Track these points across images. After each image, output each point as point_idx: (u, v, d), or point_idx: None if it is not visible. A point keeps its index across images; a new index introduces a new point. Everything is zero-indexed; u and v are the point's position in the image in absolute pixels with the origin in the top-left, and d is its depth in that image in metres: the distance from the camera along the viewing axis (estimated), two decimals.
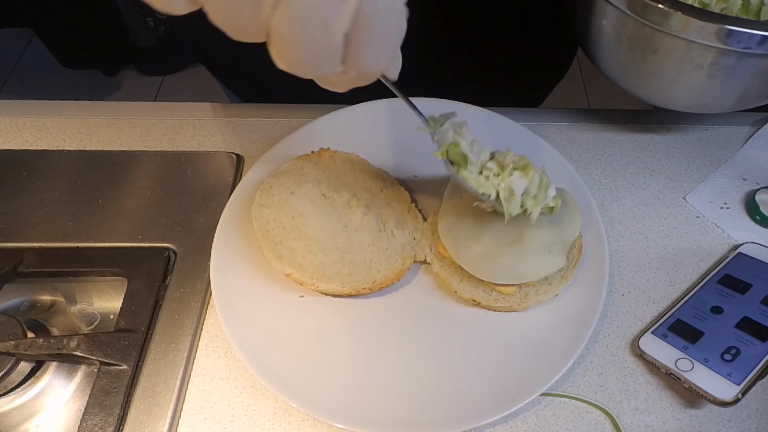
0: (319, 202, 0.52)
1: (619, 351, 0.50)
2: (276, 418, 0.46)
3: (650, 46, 0.49)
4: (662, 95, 0.54)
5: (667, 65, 0.50)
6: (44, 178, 0.59)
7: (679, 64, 0.49)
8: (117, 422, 0.44)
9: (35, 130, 0.64)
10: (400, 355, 0.48)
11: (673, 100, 0.55)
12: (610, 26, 0.52)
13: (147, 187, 0.58)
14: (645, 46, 0.50)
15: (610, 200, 0.59)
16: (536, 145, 0.59)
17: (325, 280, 0.48)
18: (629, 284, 0.54)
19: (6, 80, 2.09)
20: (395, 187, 0.56)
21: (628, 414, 0.46)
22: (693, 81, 0.50)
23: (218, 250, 0.51)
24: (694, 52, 0.47)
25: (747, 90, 0.51)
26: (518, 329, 0.49)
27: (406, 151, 0.60)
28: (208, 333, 0.50)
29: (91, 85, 2.07)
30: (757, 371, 0.44)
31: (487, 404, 0.44)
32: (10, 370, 0.46)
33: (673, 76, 0.51)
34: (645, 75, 0.53)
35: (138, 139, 0.63)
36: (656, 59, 0.50)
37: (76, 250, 0.54)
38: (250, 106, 0.67)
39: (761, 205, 0.57)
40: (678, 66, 0.50)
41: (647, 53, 0.50)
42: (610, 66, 0.56)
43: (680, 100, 0.54)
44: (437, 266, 0.51)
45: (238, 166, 0.61)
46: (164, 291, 0.51)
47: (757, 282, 0.51)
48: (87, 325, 0.54)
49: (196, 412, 0.46)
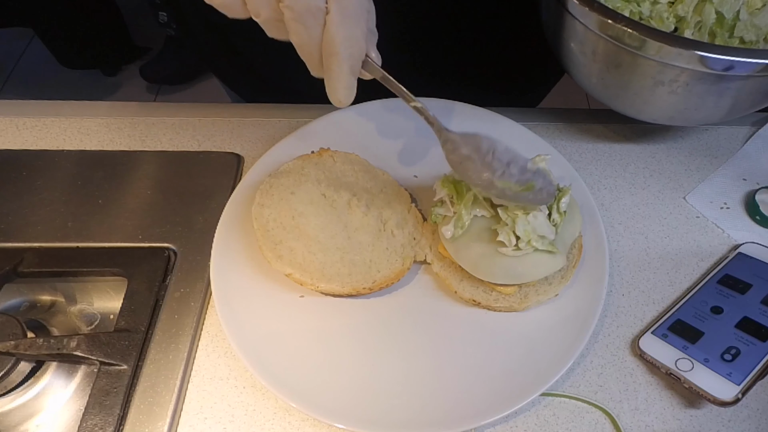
0: (319, 202, 0.52)
1: (619, 351, 0.50)
2: (276, 418, 0.46)
3: (618, 62, 0.50)
4: (639, 110, 0.54)
5: (638, 83, 0.51)
6: (44, 178, 0.59)
7: (652, 84, 0.50)
8: (117, 422, 0.44)
9: (35, 130, 0.64)
10: (400, 355, 0.48)
11: (652, 115, 0.55)
12: (578, 43, 0.52)
13: (147, 187, 0.58)
14: (613, 63, 0.50)
15: (610, 200, 0.59)
16: (536, 145, 0.59)
17: (325, 280, 0.48)
18: (629, 284, 0.54)
19: (6, 80, 2.08)
20: (395, 187, 0.56)
21: (628, 414, 0.46)
22: (666, 98, 0.50)
23: (218, 250, 0.51)
24: (665, 74, 0.48)
25: (733, 104, 0.51)
26: (518, 329, 0.49)
27: (406, 151, 0.60)
28: (208, 333, 0.50)
29: (91, 85, 2.07)
30: (757, 371, 0.44)
31: (487, 404, 0.44)
32: (10, 370, 0.46)
33: (644, 95, 0.52)
34: (614, 89, 0.53)
35: (138, 139, 0.63)
36: (627, 76, 0.51)
37: (76, 250, 0.54)
38: (250, 106, 0.67)
39: (761, 205, 0.57)
40: (649, 85, 0.50)
41: (619, 70, 0.51)
42: (582, 78, 0.56)
43: (657, 114, 0.54)
44: (437, 266, 0.51)
45: (238, 166, 0.61)
46: (164, 291, 0.51)
47: (757, 282, 0.51)
48: (87, 325, 0.54)
49: (196, 412, 0.46)
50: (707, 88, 0.48)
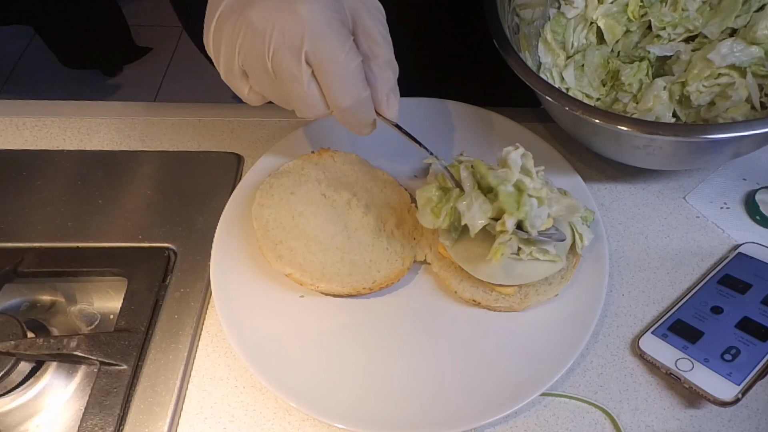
0: (319, 202, 0.52)
1: (619, 351, 0.50)
2: (276, 418, 0.46)
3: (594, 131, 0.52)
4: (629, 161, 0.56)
5: (616, 147, 0.53)
6: (44, 178, 0.59)
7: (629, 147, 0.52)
8: (117, 422, 0.44)
9: (35, 130, 0.64)
10: (400, 355, 0.48)
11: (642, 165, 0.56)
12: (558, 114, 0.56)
13: (147, 187, 0.58)
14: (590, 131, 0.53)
15: (610, 200, 0.59)
16: (536, 145, 0.59)
17: (325, 280, 0.48)
18: (629, 284, 0.54)
19: (6, 80, 2.08)
20: (395, 187, 0.56)
21: (628, 414, 0.46)
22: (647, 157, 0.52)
23: (218, 250, 0.51)
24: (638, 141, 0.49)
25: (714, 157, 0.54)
26: (518, 329, 0.49)
27: (406, 151, 0.60)
28: (208, 333, 0.50)
29: (91, 85, 2.07)
30: (757, 371, 0.44)
31: (487, 404, 0.44)
32: (10, 370, 0.46)
33: (626, 155, 0.54)
34: (599, 147, 0.56)
35: (138, 139, 0.63)
36: (606, 142, 0.53)
37: (76, 250, 0.54)
38: (250, 106, 0.67)
39: (761, 205, 0.57)
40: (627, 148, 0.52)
41: (597, 137, 0.53)
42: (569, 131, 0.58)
43: (647, 165, 0.56)
44: (437, 266, 0.51)
45: (238, 166, 0.61)
46: (164, 291, 0.51)
47: (757, 282, 0.51)
48: (87, 325, 0.54)
49: (196, 412, 0.46)
50: (683, 150, 0.50)
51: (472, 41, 0.69)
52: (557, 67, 0.61)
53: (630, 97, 0.59)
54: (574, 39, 0.62)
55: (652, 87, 0.56)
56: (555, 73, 0.61)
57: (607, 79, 0.61)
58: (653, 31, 0.59)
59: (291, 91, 0.39)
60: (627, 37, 0.61)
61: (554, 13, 0.62)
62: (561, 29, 0.62)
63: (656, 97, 0.55)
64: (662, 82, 0.56)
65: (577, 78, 0.61)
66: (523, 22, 0.59)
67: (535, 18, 0.61)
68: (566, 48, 0.62)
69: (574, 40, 0.62)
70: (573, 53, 0.62)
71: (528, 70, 0.50)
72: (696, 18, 0.57)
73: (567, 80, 0.61)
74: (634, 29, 0.61)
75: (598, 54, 0.61)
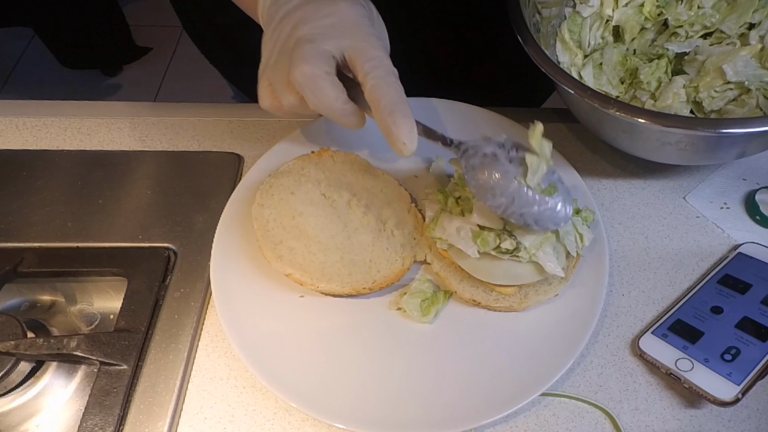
0: (319, 202, 0.52)
1: (619, 351, 0.50)
2: (276, 418, 0.46)
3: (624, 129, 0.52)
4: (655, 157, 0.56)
5: (645, 144, 0.53)
6: (44, 178, 0.59)
7: (658, 144, 0.52)
8: (117, 422, 0.44)
9: (35, 130, 0.64)
10: (400, 355, 0.48)
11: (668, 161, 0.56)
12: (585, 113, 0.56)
13: (147, 187, 0.58)
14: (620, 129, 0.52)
15: (610, 200, 0.59)
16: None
17: (325, 280, 0.48)
18: (629, 284, 0.54)
19: (6, 80, 2.08)
20: (395, 187, 0.56)
21: (628, 414, 0.46)
22: (677, 153, 0.52)
23: (218, 250, 0.51)
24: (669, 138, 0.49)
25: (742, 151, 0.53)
26: (518, 329, 0.49)
27: None
28: (208, 333, 0.50)
29: (91, 85, 2.07)
30: (757, 371, 0.44)
31: (487, 404, 0.44)
32: (10, 370, 0.46)
33: (655, 152, 0.54)
34: (626, 145, 0.56)
35: (138, 139, 0.63)
36: (635, 139, 0.53)
37: (76, 250, 0.54)
38: (250, 106, 0.67)
39: (761, 205, 0.57)
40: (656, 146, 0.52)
41: (627, 135, 0.53)
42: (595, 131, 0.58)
43: (672, 161, 0.56)
44: (437, 266, 0.51)
45: (238, 166, 0.61)
46: (164, 291, 0.51)
47: (757, 282, 0.51)
48: (87, 325, 0.54)
49: (196, 412, 0.46)
50: (713, 145, 0.50)
51: (472, 41, 0.69)
52: (575, 66, 0.61)
53: (648, 95, 0.58)
54: (591, 38, 0.61)
55: (672, 85, 0.56)
56: (573, 72, 0.61)
57: (626, 77, 0.61)
58: (669, 29, 0.59)
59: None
60: (642, 35, 0.61)
61: (570, 12, 0.62)
62: (577, 28, 0.61)
63: (675, 94, 0.55)
64: (681, 80, 0.56)
65: (596, 76, 0.60)
66: (543, 21, 0.59)
67: (553, 17, 0.61)
68: (582, 47, 0.62)
69: (590, 39, 0.61)
70: (590, 52, 0.62)
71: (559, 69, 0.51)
72: (712, 14, 0.57)
73: (585, 78, 0.60)
74: (649, 26, 0.61)
75: (617, 52, 0.60)
